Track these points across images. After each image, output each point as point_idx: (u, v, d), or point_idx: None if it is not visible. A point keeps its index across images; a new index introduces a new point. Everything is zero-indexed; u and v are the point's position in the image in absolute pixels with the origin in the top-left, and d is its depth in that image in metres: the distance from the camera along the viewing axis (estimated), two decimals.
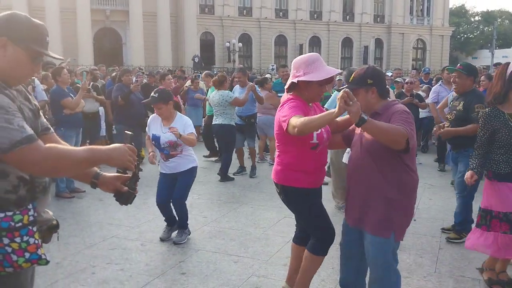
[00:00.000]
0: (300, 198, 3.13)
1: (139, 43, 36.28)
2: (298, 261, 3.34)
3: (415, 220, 5.39)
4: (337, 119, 2.86)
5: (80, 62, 29.83)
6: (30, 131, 1.69)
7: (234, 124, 7.67)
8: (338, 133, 3.13)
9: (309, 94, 3.01)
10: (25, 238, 1.75)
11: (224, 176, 7.52)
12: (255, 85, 7.96)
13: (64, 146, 1.85)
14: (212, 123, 7.77)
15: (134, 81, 10.16)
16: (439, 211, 5.83)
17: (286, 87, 3.10)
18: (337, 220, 5.31)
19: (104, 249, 4.46)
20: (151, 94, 4.61)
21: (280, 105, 3.07)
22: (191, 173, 4.73)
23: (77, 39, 35.02)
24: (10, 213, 1.73)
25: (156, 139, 4.61)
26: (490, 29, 53.26)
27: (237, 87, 8.20)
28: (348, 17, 47.99)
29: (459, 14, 57.54)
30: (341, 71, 3.08)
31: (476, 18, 60.76)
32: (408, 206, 2.77)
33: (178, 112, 4.74)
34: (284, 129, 2.84)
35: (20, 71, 1.83)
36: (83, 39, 35.22)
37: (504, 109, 3.55)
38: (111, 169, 1.98)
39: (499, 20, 57.32)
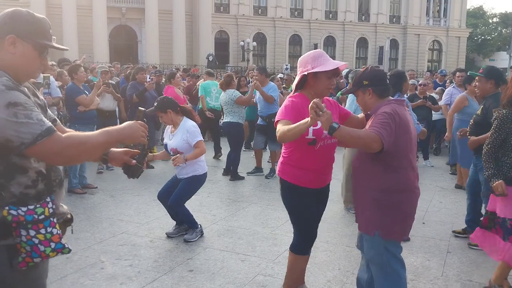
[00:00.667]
0: (291, 194, 3.17)
1: (154, 41, 36.51)
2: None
3: (424, 223, 5.39)
4: (358, 116, 3.12)
5: (95, 59, 30.21)
6: (48, 123, 1.77)
7: (242, 122, 7.75)
8: None
9: (318, 87, 3.01)
10: (48, 229, 1.84)
11: (234, 175, 7.55)
12: (269, 82, 7.97)
13: (80, 133, 1.91)
14: (222, 121, 7.88)
15: (148, 79, 10.24)
16: (449, 214, 5.80)
17: (295, 83, 3.13)
18: (345, 222, 5.35)
19: (113, 245, 4.53)
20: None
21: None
22: (192, 181, 4.77)
23: (93, 36, 35.37)
24: (31, 207, 1.80)
25: (165, 146, 4.85)
26: (508, 31, 52.52)
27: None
28: (363, 17, 47.71)
29: (476, 16, 56.85)
30: (346, 63, 3.10)
31: (494, 19, 59.97)
32: (394, 206, 2.76)
33: (184, 118, 4.79)
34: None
35: (30, 66, 1.89)
36: (99, 36, 35.56)
37: None
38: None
39: None
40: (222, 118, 8.89)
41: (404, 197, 2.79)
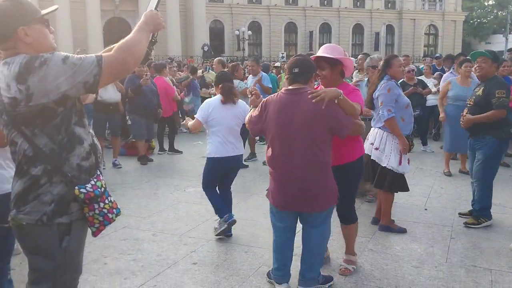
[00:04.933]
0: None
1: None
2: None
3: (426, 209, 5.38)
4: None
5: (89, 52, 29.85)
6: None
7: None
8: None
9: None
10: (109, 199, 2.12)
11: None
12: (263, 74, 8.07)
13: (120, 42, 2.03)
14: None
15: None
16: (450, 199, 5.79)
17: None
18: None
19: (116, 240, 4.50)
20: None
21: None
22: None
23: (87, 29, 35.15)
24: (93, 182, 2.03)
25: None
26: (504, 14, 52.31)
27: (250, 77, 8.35)
28: (358, 3, 47.48)
29: None
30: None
31: (490, 2, 59.70)
32: (272, 175, 3.28)
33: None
34: None
35: (47, 40, 2.04)
36: (93, 29, 35.32)
37: None
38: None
39: None
40: None
41: (272, 172, 3.27)
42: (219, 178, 4.64)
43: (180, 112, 10.90)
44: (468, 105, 4.84)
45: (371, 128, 4.77)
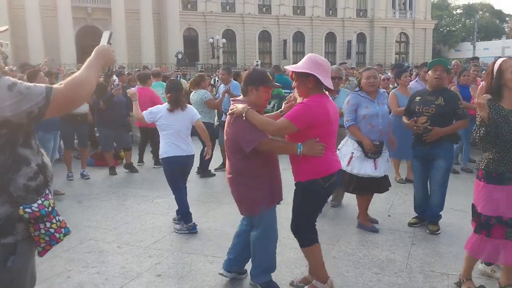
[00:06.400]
0: None
1: (122, 40, 35.92)
2: None
3: (389, 215, 5.51)
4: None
5: (62, 61, 29.59)
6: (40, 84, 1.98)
7: (213, 122, 7.75)
8: None
9: None
10: (57, 218, 2.10)
11: (204, 172, 7.64)
12: (232, 80, 8.06)
13: (70, 77, 2.05)
14: None
15: (116, 80, 9.90)
16: (413, 206, 5.91)
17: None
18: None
19: (80, 252, 4.47)
20: None
21: None
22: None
23: (59, 38, 34.66)
24: (39, 202, 2.01)
25: None
26: (471, 22, 53.83)
27: (221, 86, 8.38)
28: (331, 12, 48.17)
29: (441, 7, 58.09)
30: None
31: (458, 11, 61.38)
32: None
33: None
34: None
35: None
36: (65, 38, 34.86)
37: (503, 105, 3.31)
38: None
39: (480, 12, 57.97)
40: None
41: None
42: (177, 176, 5.09)
43: None
44: (426, 114, 4.72)
45: None
